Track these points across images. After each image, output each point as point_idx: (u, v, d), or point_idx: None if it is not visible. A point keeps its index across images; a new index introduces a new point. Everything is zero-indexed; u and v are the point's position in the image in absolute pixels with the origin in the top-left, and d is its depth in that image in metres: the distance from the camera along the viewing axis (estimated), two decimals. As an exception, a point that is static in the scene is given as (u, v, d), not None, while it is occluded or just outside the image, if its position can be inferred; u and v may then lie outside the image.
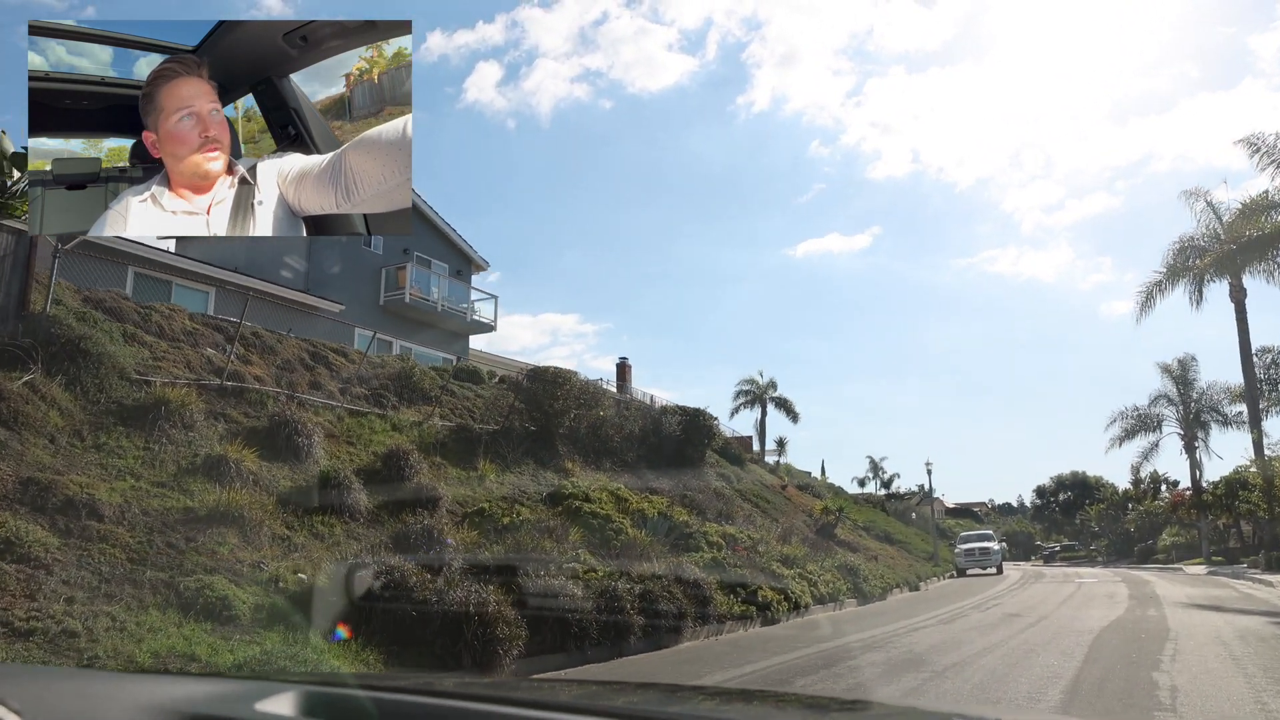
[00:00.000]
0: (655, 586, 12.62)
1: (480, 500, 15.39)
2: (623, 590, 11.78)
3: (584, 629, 10.82)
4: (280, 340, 17.61)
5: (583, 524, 15.71)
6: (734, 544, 18.90)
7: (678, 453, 25.08)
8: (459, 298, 29.10)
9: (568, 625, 10.63)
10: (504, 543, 12.76)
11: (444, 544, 11.93)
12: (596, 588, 11.63)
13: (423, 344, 26.91)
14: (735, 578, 15.66)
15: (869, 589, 20.73)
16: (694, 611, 13.31)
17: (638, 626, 11.62)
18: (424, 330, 27.43)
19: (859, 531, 34.56)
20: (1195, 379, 43.98)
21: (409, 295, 26.69)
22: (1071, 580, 27.89)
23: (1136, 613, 14.58)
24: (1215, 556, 37.85)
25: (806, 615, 16.78)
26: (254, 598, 9.33)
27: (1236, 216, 27.28)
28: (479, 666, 9.31)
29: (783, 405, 59.80)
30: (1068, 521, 69.33)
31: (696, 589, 13.70)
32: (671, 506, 19.37)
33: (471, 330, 29.68)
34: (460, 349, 29.08)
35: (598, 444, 21.72)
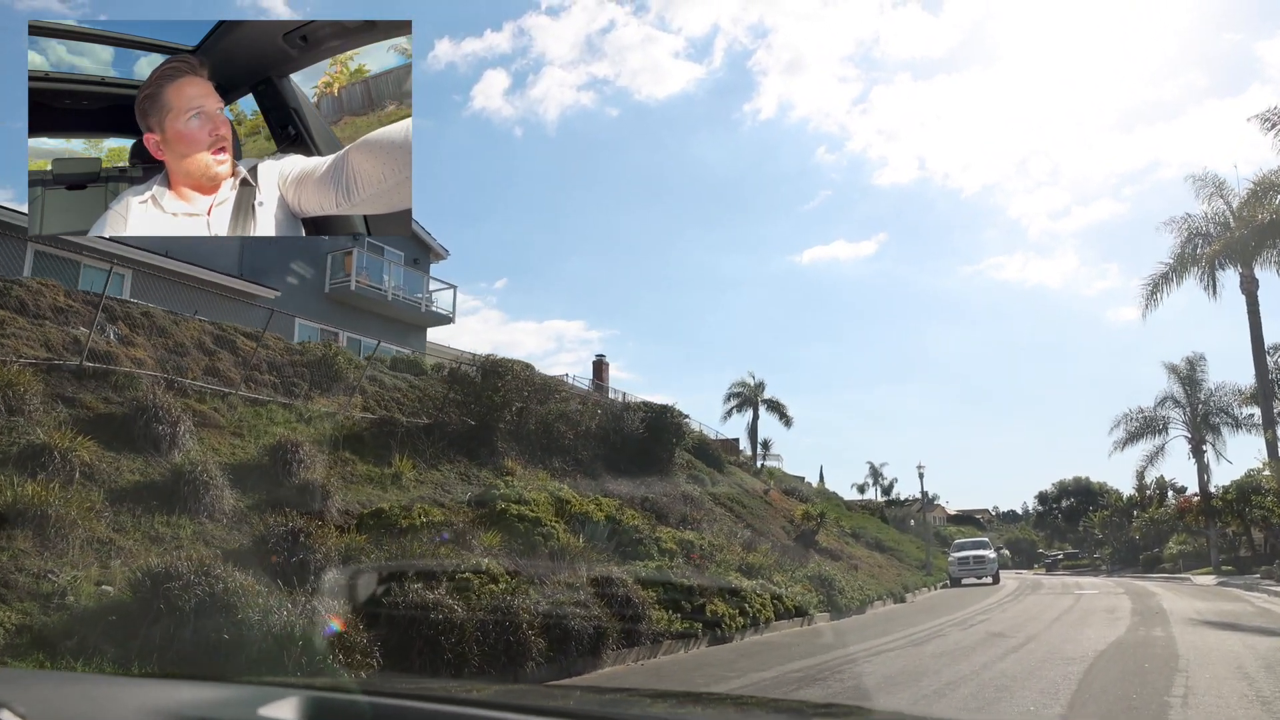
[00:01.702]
0: (569, 600, 10.67)
1: (389, 500, 13.47)
2: (521, 606, 9.84)
3: (462, 653, 8.89)
4: (178, 322, 15.70)
5: (506, 528, 13.79)
6: (691, 551, 17.00)
7: (642, 453, 23.10)
8: (414, 287, 27.17)
9: (439, 648, 8.70)
10: (390, 549, 10.80)
11: (310, 550, 9.99)
12: (489, 603, 9.70)
13: (373, 336, 24.87)
14: (681, 590, 13.72)
15: (844, 602, 18.76)
16: (620, 630, 11.38)
17: (538, 650, 9.68)
18: (373, 321, 25.48)
19: (846, 538, 32.57)
20: (1203, 379, 41.85)
21: (355, 283, 24.76)
22: (1070, 591, 25.84)
23: (1140, 633, 12.59)
24: (1225, 566, 35.75)
25: (765, 632, 14.83)
26: (20, 616, 7.42)
27: (1248, 198, 25.21)
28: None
29: (775, 408, 57.88)
30: (1070, 529, 67.11)
31: (626, 604, 11.75)
32: (623, 510, 17.40)
33: (428, 322, 27.71)
34: (417, 343, 27.15)
35: (548, 442, 19.77)
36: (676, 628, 12.71)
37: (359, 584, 9.71)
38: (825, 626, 16.46)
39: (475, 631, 9.11)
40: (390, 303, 25.93)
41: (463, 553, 11.67)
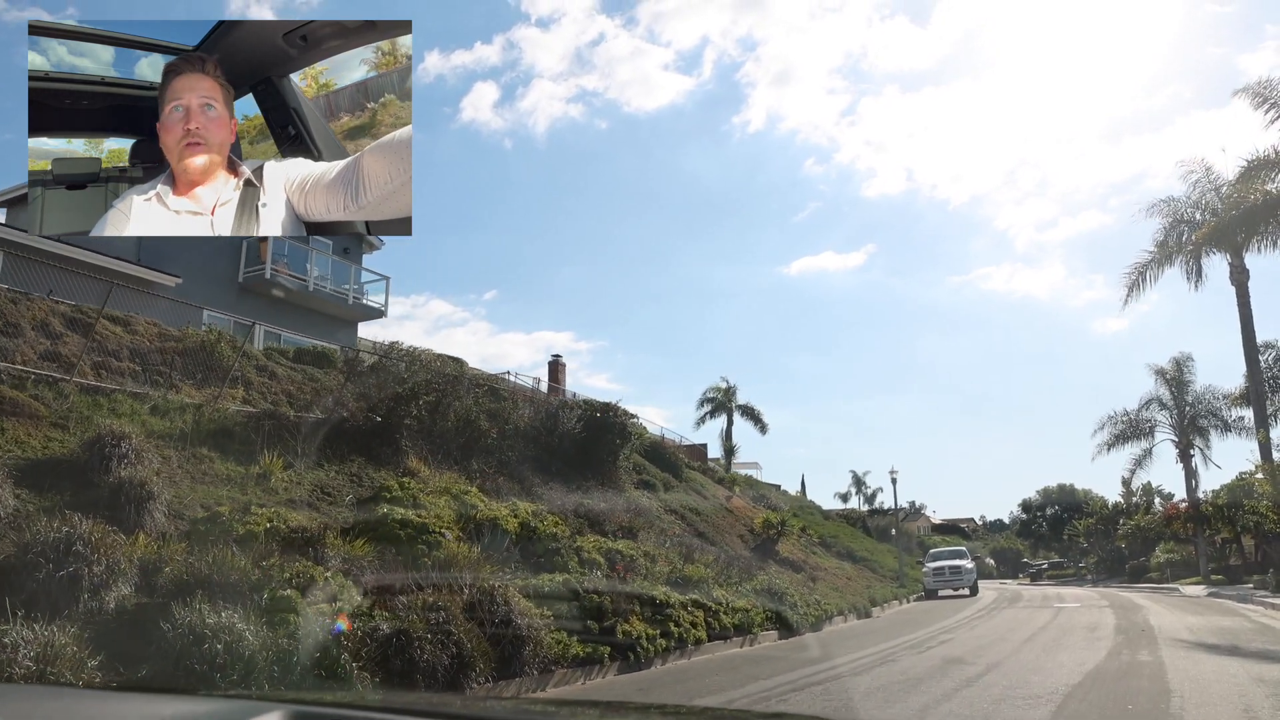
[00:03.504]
0: (418, 625, 8.64)
1: (247, 501, 11.44)
2: (357, 632, 7.84)
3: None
4: (18, 300, 13.62)
5: (385, 536, 11.76)
6: (616, 562, 15.00)
7: (582, 455, 21.06)
8: (343, 278, 25.08)
9: (212, 686, 6.65)
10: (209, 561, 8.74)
11: (86, 562, 7.95)
12: (303, 629, 7.67)
13: (295, 330, 22.84)
14: (590, 608, 11.73)
15: (796, 618, 16.75)
16: (497, 658, 9.37)
17: (364, 686, 7.64)
18: (295, 314, 23.38)
19: (814, 548, 30.57)
20: (1191, 381, 40.14)
21: (271, 271, 22.67)
22: (1050, 604, 23.89)
23: (1123, 658, 10.63)
24: (1214, 575, 33.93)
25: (695, 655, 12.84)
26: None
27: (1238, 178, 23.34)
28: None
29: (749, 414, 55.77)
30: (1055, 537, 65.27)
31: (505, 625, 9.75)
32: (543, 516, 15.37)
33: (357, 316, 25.60)
34: (347, 339, 25.05)
35: (468, 442, 17.72)
36: (576, 652, 10.71)
37: (130, 605, 7.70)
38: (766, 649, 14.47)
39: (269, 665, 7.09)
40: (313, 294, 23.84)
41: (312, 566, 9.62)
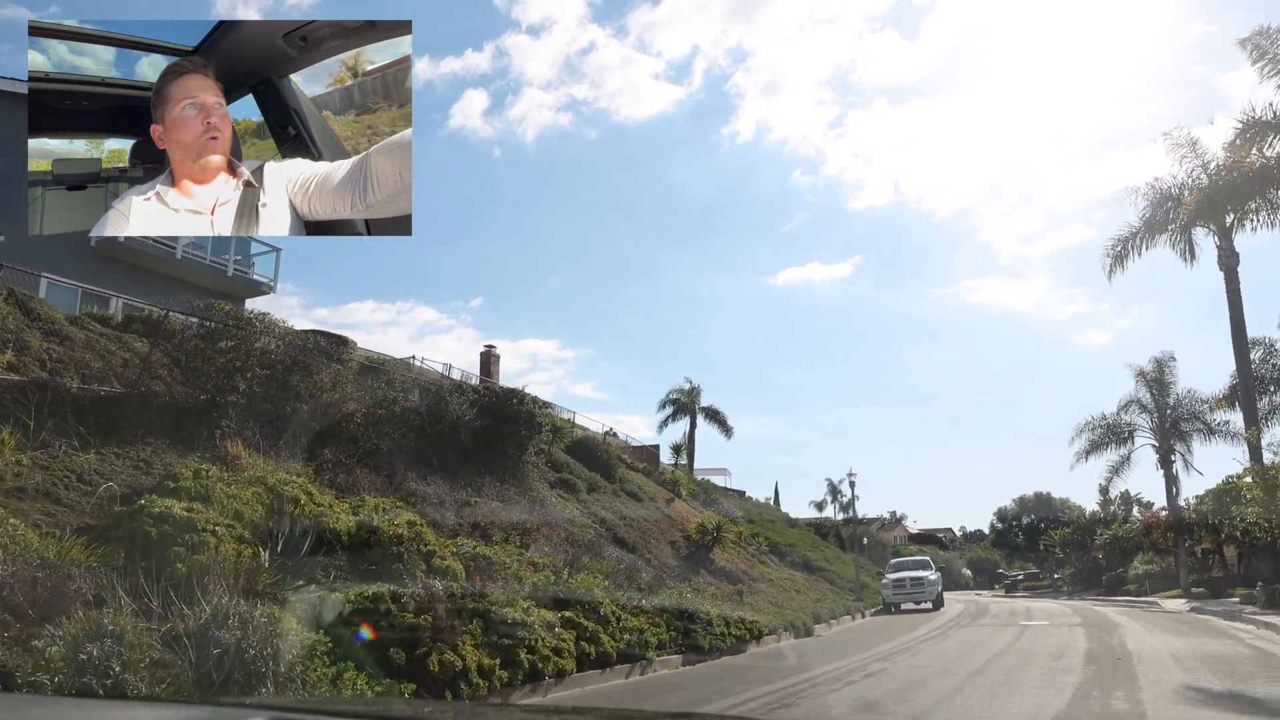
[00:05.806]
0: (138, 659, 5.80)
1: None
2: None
3: None
4: None
5: (133, 535, 8.95)
6: (481, 571, 12.29)
7: (481, 448, 18.28)
8: (223, 248, 22.16)
9: None
10: None
11: None
12: None
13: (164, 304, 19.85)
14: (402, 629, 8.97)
15: (708, 640, 13.96)
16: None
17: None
18: (163, 285, 20.44)
19: (763, 557, 27.87)
20: (1173, 383, 37.73)
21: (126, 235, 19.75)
22: (1016, 621, 21.21)
23: (1092, 702, 7.92)
24: (1195, 588, 31.44)
25: (553, 690, 10.08)
26: None
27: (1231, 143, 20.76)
28: None
29: (713, 416, 53.23)
30: (1031, 547, 62.81)
31: (266, 660, 6.95)
32: (394, 513, 12.58)
33: (239, 291, 22.55)
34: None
35: (321, 428, 14.89)
36: (362, 690, 7.92)
37: None
38: (660, 679, 11.69)
39: None
40: (181, 263, 20.89)
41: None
